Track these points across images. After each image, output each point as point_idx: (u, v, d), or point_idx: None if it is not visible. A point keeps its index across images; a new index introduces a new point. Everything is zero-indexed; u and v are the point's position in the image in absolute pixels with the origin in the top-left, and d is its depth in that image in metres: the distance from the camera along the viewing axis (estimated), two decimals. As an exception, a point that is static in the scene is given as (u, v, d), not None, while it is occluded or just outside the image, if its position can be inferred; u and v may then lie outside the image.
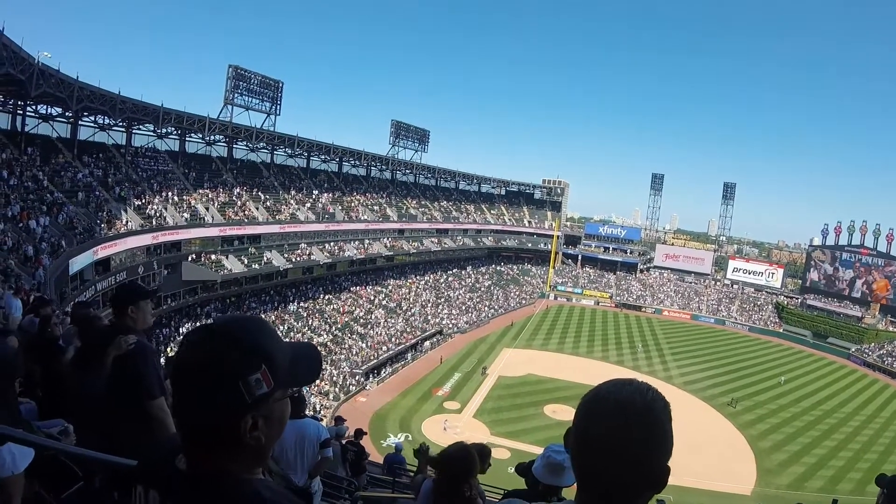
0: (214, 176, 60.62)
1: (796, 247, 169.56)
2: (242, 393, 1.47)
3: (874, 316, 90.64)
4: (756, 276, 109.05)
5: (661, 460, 1.54)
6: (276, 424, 1.57)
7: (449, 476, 4.45)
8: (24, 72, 32.24)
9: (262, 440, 1.52)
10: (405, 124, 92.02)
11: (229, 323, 1.57)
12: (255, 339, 1.54)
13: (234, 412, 1.47)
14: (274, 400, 1.54)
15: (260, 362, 1.50)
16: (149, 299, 4.58)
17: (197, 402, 1.47)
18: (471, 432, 43.41)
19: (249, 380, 1.47)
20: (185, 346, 1.53)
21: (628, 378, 1.65)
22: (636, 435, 1.51)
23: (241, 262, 55.16)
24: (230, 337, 1.52)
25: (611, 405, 1.55)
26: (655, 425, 1.54)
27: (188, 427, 1.52)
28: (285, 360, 1.58)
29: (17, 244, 28.55)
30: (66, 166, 42.93)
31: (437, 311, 78.83)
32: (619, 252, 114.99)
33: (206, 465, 1.51)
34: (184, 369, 1.50)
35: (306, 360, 1.69)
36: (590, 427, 1.56)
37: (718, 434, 50.14)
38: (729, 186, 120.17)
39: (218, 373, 1.46)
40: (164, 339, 45.35)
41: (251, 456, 1.55)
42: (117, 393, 4.07)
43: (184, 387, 1.50)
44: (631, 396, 1.56)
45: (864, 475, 44.37)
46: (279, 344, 1.59)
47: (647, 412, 1.54)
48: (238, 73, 63.39)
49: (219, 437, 1.49)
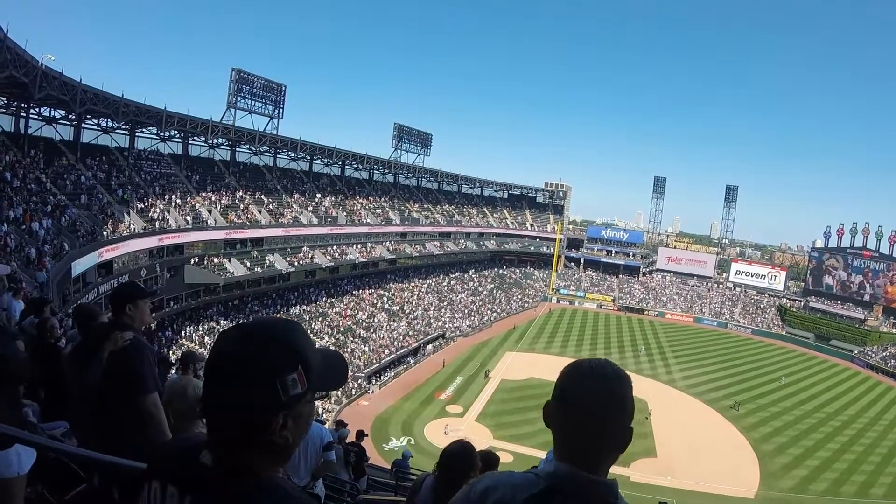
0: (217, 179, 60.64)
1: (799, 249, 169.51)
2: (279, 391, 1.49)
3: (877, 318, 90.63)
4: (759, 278, 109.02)
5: (627, 419, 1.81)
6: (303, 425, 1.60)
7: (450, 472, 4.45)
8: (27, 74, 32.33)
9: (289, 439, 1.55)
10: (408, 128, 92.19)
11: (269, 323, 1.60)
12: (293, 340, 1.58)
13: (268, 410, 1.49)
14: (305, 402, 1.57)
15: (297, 363, 1.53)
16: (147, 299, 4.58)
17: (233, 398, 1.49)
18: (474, 436, 43.35)
19: (287, 379, 1.50)
20: (223, 342, 1.56)
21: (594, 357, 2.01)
22: (613, 398, 1.80)
23: (244, 266, 55.18)
24: (270, 336, 1.55)
25: (587, 371, 1.85)
26: (625, 388, 1.83)
27: (220, 423, 1.54)
28: (318, 365, 1.61)
29: (19, 246, 28.57)
30: (69, 169, 42.98)
31: (440, 314, 78.81)
32: (622, 255, 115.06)
33: (233, 462, 1.53)
34: (221, 365, 1.53)
35: (335, 367, 1.74)
36: (571, 388, 1.84)
37: (721, 437, 50.05)
38: (731, 189, 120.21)
39: (257, 370, 1.49)
40: (167, 342, 45.34)
41: (277, 454, 1.57)
42: (111, 387, 4.07)
43: (219, 383, 1.52)
44: (602, 365, 1.87)
45: (867, 478, 44.38)
46: (313, 348, 1.63)
47: (616, 377, 1.84)
48: (241, 77, 63.51)
49: (249, 435, 1.51)
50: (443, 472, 4.52)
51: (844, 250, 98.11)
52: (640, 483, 39.66)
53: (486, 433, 46.12)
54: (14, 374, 4.16)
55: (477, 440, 39.75)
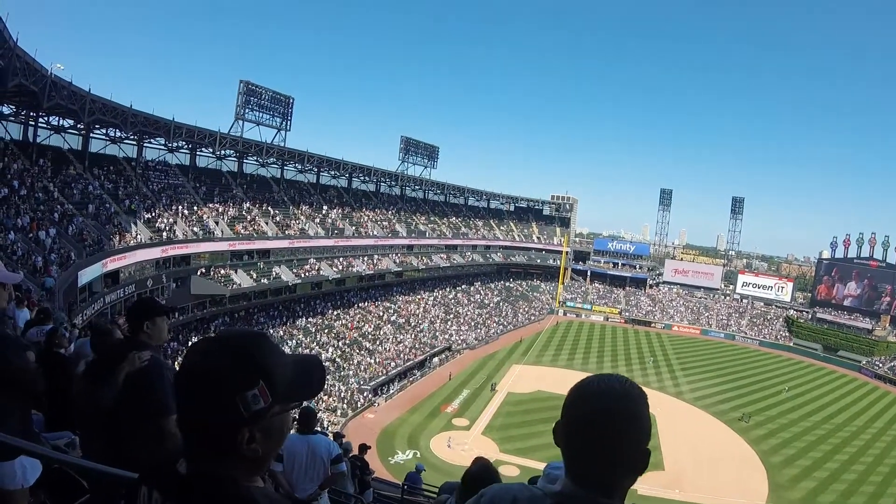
0: (224, 190, 60.82)
1: (805, 260, 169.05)
2: (239, 407, 1.48)
3: (885, 328, 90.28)
4: (766, 290, 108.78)
5: (641, 442, 1.71)
6: (275, 437, 1.59)
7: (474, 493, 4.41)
8: (36, 83, 32.51)
9: (258, 452, 1.54)
10: (415, 140, 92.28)
11: (232, 337, 1.61)
12: (255, 355, 1.56)
13: (230, 426, 1.49)
14: (272, 414, 1.55)
15: (258, 378, 1.51)
16: (165, 315, 4.56)
17: (196, 410, 1.51)
18: (480, 450, 43.17)
19: (246, 395, 1.49)
20: (190, 355, 1.56)
21: (608, 373, 1.85)
22: (618, 417, 1.69)
23: (250, 277, 55.24)
24: (230, 351, 1.55)
25: (595, 391, 1.74)
26: (634, 408, 1.72)
27: (190, 432, 1.54)
28: (286, 376, 1.59)
29: (26, 255, 28.65)
30: (76, 178, 43.16)
31: (446, 326, 78.70)
32: (629, 268, 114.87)
33: (205, 470, 1.52)
34: (186, 377, 1.53)
35: (308, 375, 1.71)
36: (578, 412, 1.74)
37: (730, 449, 49.71)
38: (737, 201, 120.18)
39: (216, 385, 1.49)
40: (173, 353, 45.38)
41: (248, 465, 1.56)
42: (129, 409, 4.03)
43: (185, 393, 1.53)
44: (611, 384, 1.76)
45: (876, 489, 44.10)
46: (280, 359, 1.61)
47: (626, 397, 1.73)
48: (249, 89, 63.73)
49: (218, 447, 1.51)
50: (467, 494, 4.48)
51: (851, 261, 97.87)
52: (648, 496, 39.32)
53: (492, 446, 45.92)
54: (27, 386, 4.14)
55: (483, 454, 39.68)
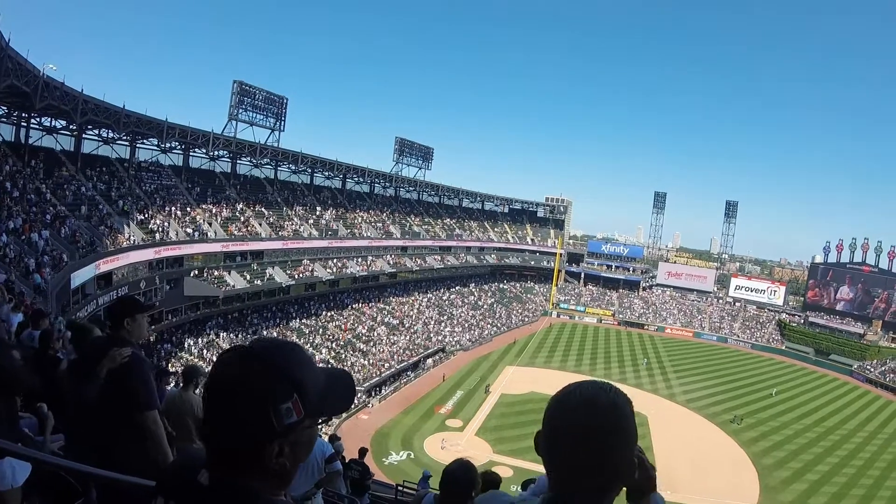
0: (218, 191, 60.67)
1: (798, 264, 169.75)
2: (272, 420, 1.45)
3: (876, 333, 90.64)
4: (758, 293, 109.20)
5: (627, 453, 1.64)
6: (302, 450, 1.56)
7: (452, 491, 4.44)
8: (28, 84, 32.38)
9: (286, 466, 1.51)
10: (409, 141, 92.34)
11: (266, 348, 1.55)
12: (289, 367, 1.52)
13: (262, 438, 1.46)
14: (303, 428, 1.52)
15: (292, 392, 1.48)
16: (144, 313, 4.56)
17: (226, 423, 1.47)
18: (473, 450, 43.22)
19: (280, 408, 1.45)
20: (220, 366, 1.53)
21: (591, 379, 1.76)
22: (602, 428, 1.60)
23: (244, 278, 55.14)
24: (265, 363, 1.50)
25: (577, 401, 1.65)
26: (620, 419, 1.62)
27: (216, 447, 1.51)
28: (317, 390, 1.56)
29: (18, 257, 28.52)
30: (69, 179, 43.02)
31: (440, 328, 78.74)
32: (622, 270, 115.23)
33: (229, 484, 1.50)
34: (216, 389, 1.50)
35: (339, 389, 1.68)
36: (559, 424, 1.66)
37: (721, 451, 49.92)
38: (731, 204, 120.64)
39: (249, 398, 1.45)
40: (166, 355, 45.29)
41: (275, 479, 1.53)
42: (110, 405, 4.04)
43: (215, 406, 1.49)
44: (594, 392, 1.66)
45: (866, 492, 44.33)
46: (313, 372, 1.57)
47: (612, 406, 1.62)
48: (243, 89, 63.67)
49: (244, 460, 1.48)
50: (444, 491, 4.51)
51: (844, 265, 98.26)
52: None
53: (485, 447, 45.97)
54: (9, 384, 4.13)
55: (477, 454, 39.77)
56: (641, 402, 56.69)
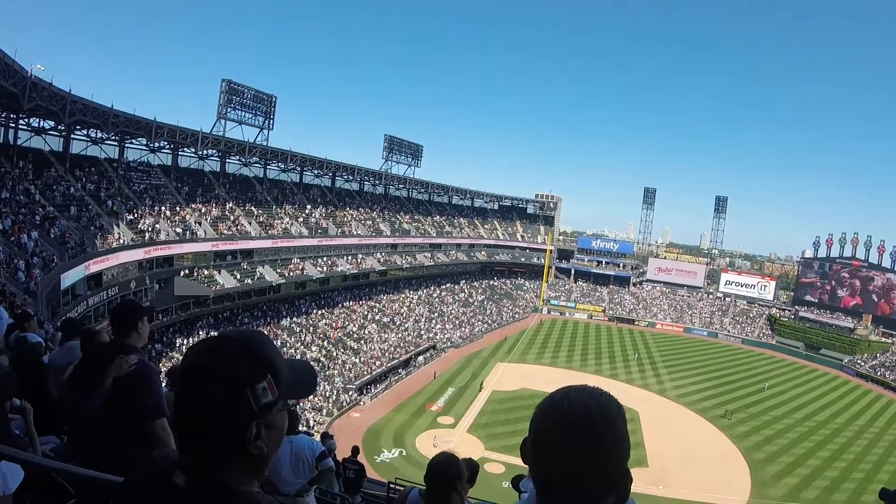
0: (207, 190, 60.49)
1: (788, 259, 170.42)
2: (250, 400, 1.50)
3: (866, 327, 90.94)
4: (748, 288, 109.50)
5: (618, 464, 1.55)
6: (276, 435, 1.60)
7: (437, 484, 4.45)
8: (16, 85, 32.18)
9: (264, 450, 1.55)
10: (398, 139, 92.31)
11: (236, 334, 1.62)
12: (262, 348, 1.59)
13: (241, 420, 1.50)
14: (277, 410, 1.56)
15: (266, 372, 1.54)
16: (146, 317, 4.55)
17: (205, 409, 1.50)
18: (465, 447, 43.22)
19: (257, 388, 1.51)
20: (192, 356, 1.57)
21: (581, 384, 1.65)
22: (592, 440, 1.50)
23: (234, 277, 55.01)
24: (238, 346, 1.56)
25: (565, 411, 1.55)
26: (611, 429, 1.53)
27: (193, 437, 1.53)
28: (287, 373, 1.62)
29: (8, 258, 28.38)
30: (58, 180, 42.79)
31: (431, 325, 78.71)
32: (612, 266, 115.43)
33: (206, 478, 1.52)
34: (192, 377, 1.53)
35: (304, 375, 1.74)
36: (546, 435, 1.56)
37: (712, 446, 50.06)
38: (721, 200, 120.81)
39: (227, 380, 1.50)
40: (157, 355, 45.10)
41: (252, 466, 1.57)
42: (117, 413, 4.02)
43: (191, 395, 1.52)
44: (585, 402, 1.55)
45: (858, 485, 44.49)
46: (281, 357, 1.63)
47: (602, 417, 1.53)
48: (231, 88, 63.46)
49: (223, 447, 1.51)
50: (430, 485, 4.51)
51: (834, 260, 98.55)
52: (632, 493, 39.55)
53: (477, 444, 46.00)
54: None
55: (468, 451, 39.70)
56: (632, 398, 56.90)
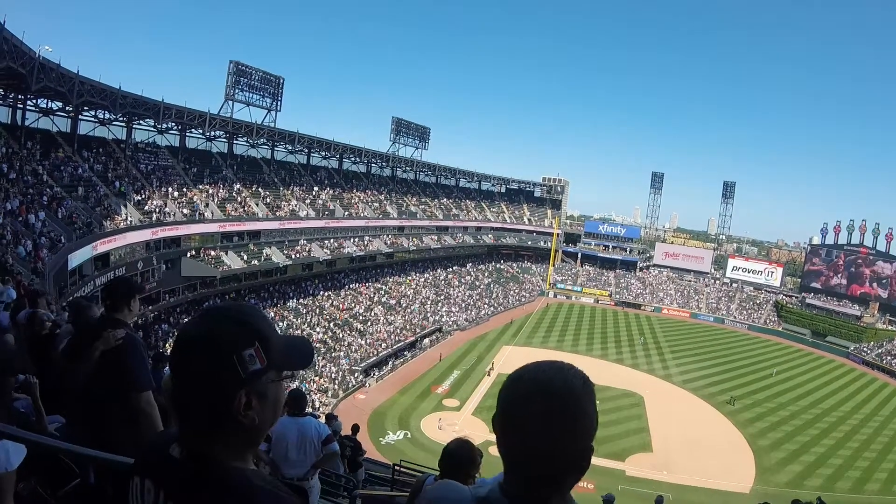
0: (214, 172, 60.51)
1: (795, 246, 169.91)
2: (236, 366, 1.52)
3: (873, 315, 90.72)
4: (755, 274, 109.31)
5: (583, 440, 1.52)
6: (270, 407, 1.61)
7: (452, 470, 4.48)
8: (24, 66, 32.14)
9: (255, 420, 1.56)
10: (406, 121, 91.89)
11: (224, 305, 1.66)
12: (249, 317, 1.62)
13: (229, 387, 1.52)
14: (268, 379, 1.58)
15: (254, 339, 1.56)
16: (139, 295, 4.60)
17: (193, 378, 1.53)
18: (470, 430, 43.34)
19: (243, 354, 1.53)
20: (183, 328, 1.60)
21: (551, 360, 1.62)
22: (556, 415, 1.49)
23: (241, 259, 55.13)
24: (225, 315, 1.60)
25: (530, 386, 1.53)
26: (575, 405, 1.51)
27: (185, 408, 1.56)
28: (279, 343, 1.64)
29: (16, 238, 28.47)
30: (65, 161, 42.81)
31: (437, 308, 78.87)
32: (619, 250, 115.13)
33: (200, 451, 1.54)
34: (181, 347, 1.57)
35: (298, 347, 1.74)
36: (510, 409, 1.55)
37: (717, 432, 50.16)
38: (729, 185, 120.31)
39: (213, 347, 1.53)
40: (163, 336, 45.26)
41: (244, 438, 1.59)
42: (104, 386, 4.04)
43: (181, 365, 1.56)
44: (550, 377, 1.53)
45: (862, 473, 44.57)
46: (272, 328, 1.66)
47: (567, 392, 1.51)
48: (239, 69, 63.24)
49: (214, 416, 1.53)
50: (445, 471, 4.54)
51: (841, 247, 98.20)
52: (635, 478, 39.84)
53: (482, 427, 46.07)
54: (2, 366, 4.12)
55: (473, 435, 39.82)
56: (637, 383, 57.06)
